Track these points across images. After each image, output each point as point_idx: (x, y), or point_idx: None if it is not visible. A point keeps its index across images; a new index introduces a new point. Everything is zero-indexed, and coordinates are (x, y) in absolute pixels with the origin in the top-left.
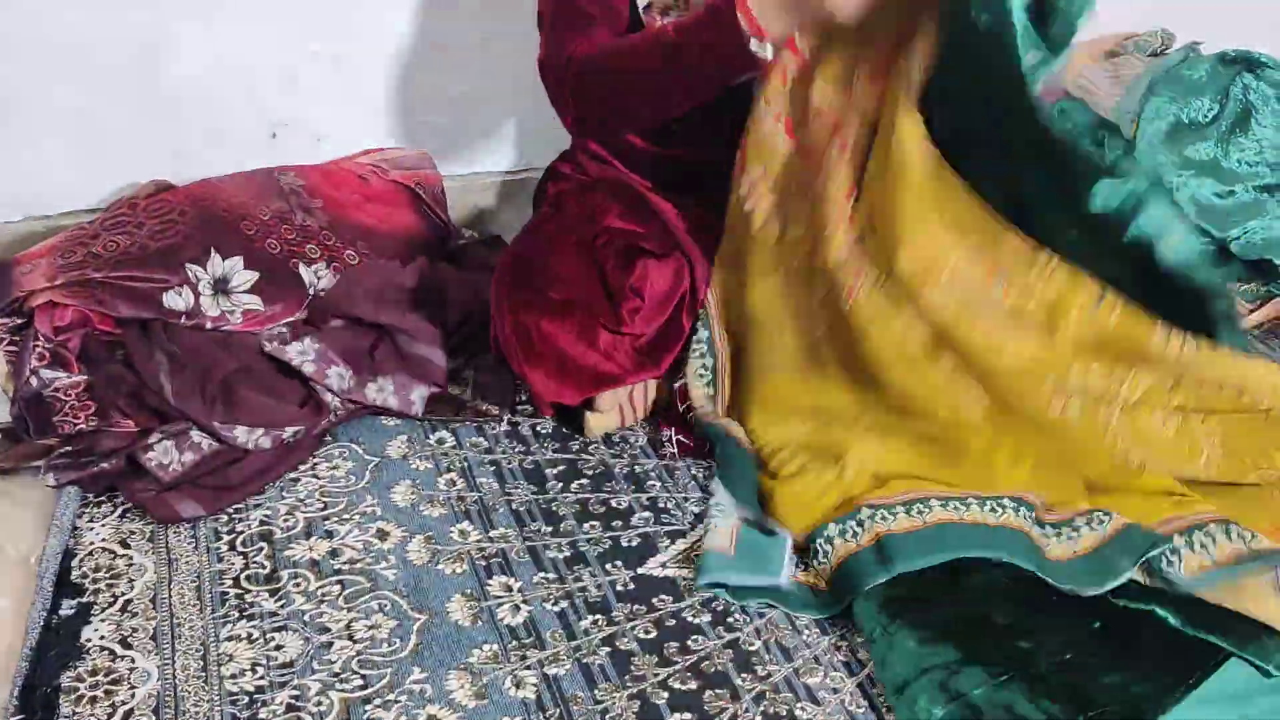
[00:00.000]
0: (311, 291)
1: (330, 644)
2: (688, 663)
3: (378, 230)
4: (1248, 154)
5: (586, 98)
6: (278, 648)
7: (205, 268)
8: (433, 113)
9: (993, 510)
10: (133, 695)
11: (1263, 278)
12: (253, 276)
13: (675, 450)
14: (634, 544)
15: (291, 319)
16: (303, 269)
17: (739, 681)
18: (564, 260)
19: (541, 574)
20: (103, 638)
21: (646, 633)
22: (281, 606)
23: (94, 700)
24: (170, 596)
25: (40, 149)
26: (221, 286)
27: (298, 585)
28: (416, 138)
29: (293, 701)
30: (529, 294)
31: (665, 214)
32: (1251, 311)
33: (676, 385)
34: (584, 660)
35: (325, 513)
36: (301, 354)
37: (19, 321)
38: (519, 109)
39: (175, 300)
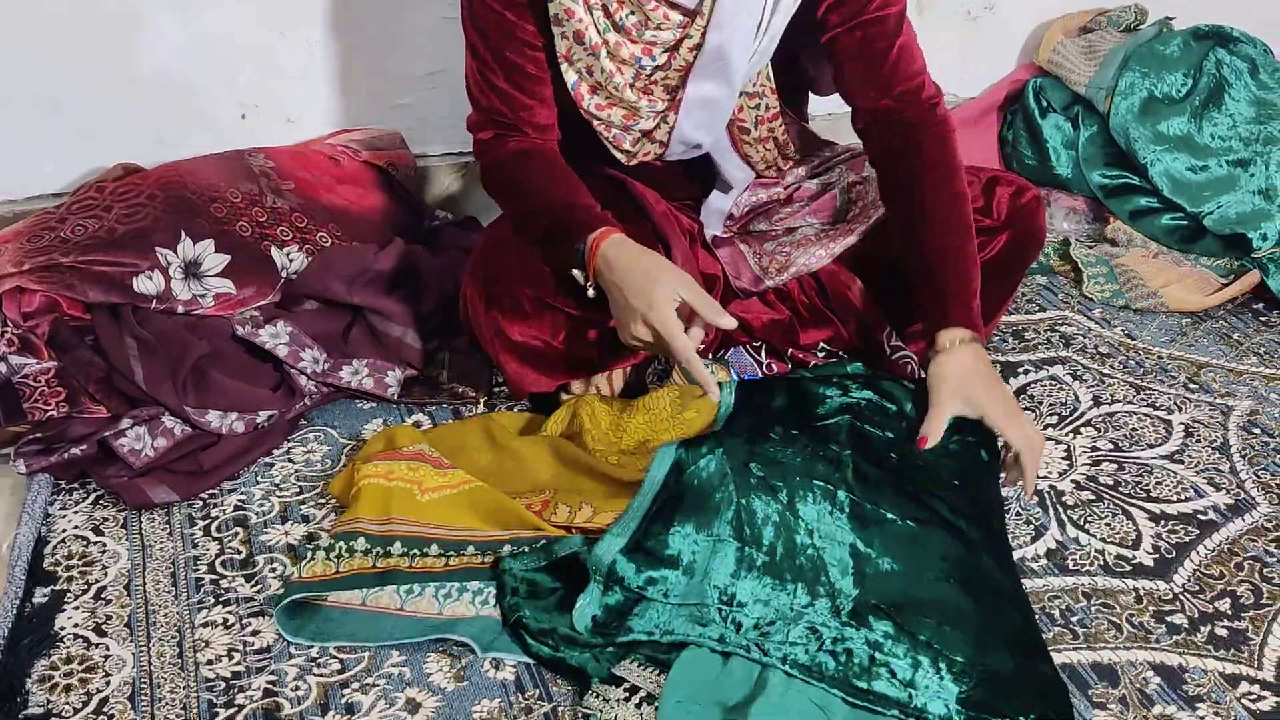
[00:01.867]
0: (284, 274)
1: None
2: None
3: (350, 212)
4: (1220, 128)
5: (487, 188)
6: (254, 633)
7: (176, 251)
8: (404, 93)
9: None
10: (108, 683)
11: (1235, 253)
12: (224, 260)
13: None
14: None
15: (264, 302)
16: (275, 251)
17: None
18: (536, 255)
19: None
20: (76, 625)
21: None
22: (258, 591)
23: (68, 689)
24: (145, 583)
25: (7, 132)
26: (192, 270)
27: (274, 570)
28: (388, 118)
29: (270, 686)
30: (500, 292)
31: (644, 197)
32: (1224, 287)
33: (648, 371)
34: None
35: (301, 497)
36: (274, 337)
37: None
38: None
39: (145, 284)
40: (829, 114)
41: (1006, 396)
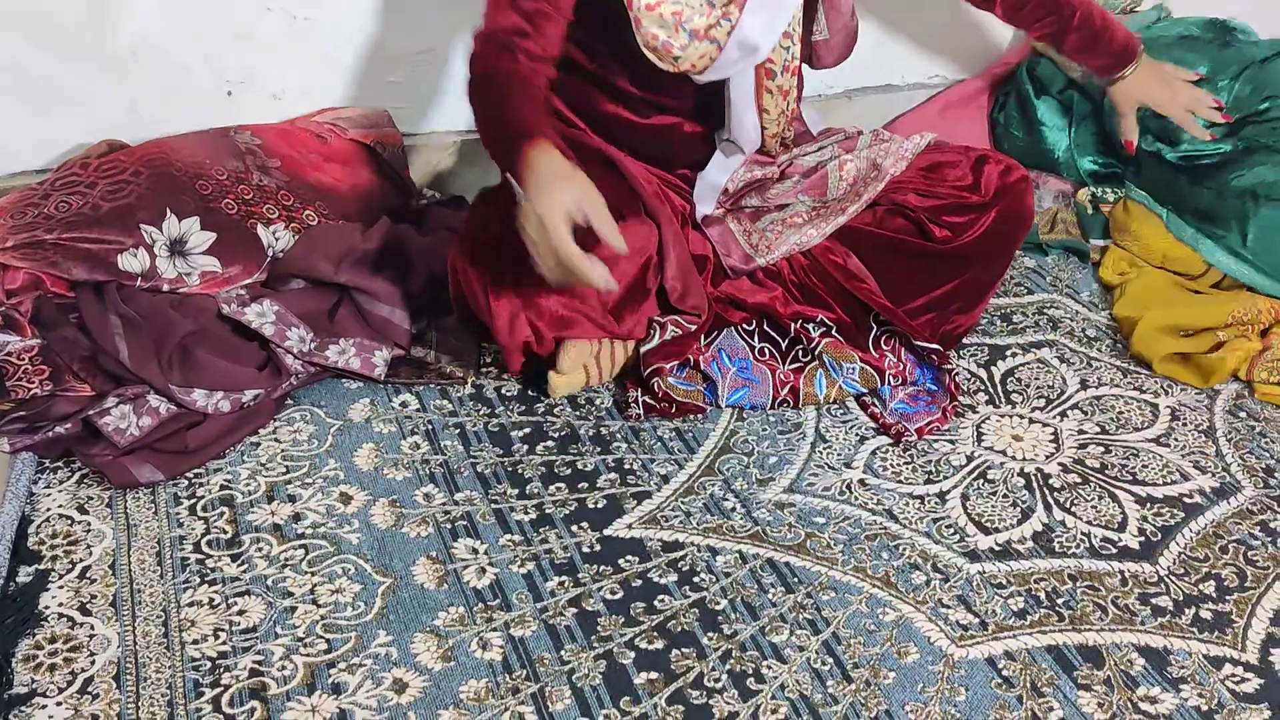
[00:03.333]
0: (270, 253)
1: (294, 608)
2: (654, 622)
3: (337, 190)
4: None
5: (469, 94)
6: (240, 613)
7: (161, 229)
8: (392, 70)
9: None
10: (93, 662)
11: None
12: (210, 237)
13: (640, 411)
14: (600, 505)
15: (250, 280)
16: (261, 230)
17: (705, 640)
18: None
19: (507, 536)
20: (61, 605)
21: (613, 593)
22: (244, 571)
23: (53, 668)
24: (130, 562)
25: None
26: (178, 248)
27: (260, 550)
28: (376, 96)
29: (256, 666)
30: (489, 243)
31: (634, 176)
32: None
33: (644, 350)
34: (550, 621)
35: (287, 477)
36: (260, 316)
37: None
38: None
39: (130, 262)
40: (819, 95)
41: (1170, 86)
